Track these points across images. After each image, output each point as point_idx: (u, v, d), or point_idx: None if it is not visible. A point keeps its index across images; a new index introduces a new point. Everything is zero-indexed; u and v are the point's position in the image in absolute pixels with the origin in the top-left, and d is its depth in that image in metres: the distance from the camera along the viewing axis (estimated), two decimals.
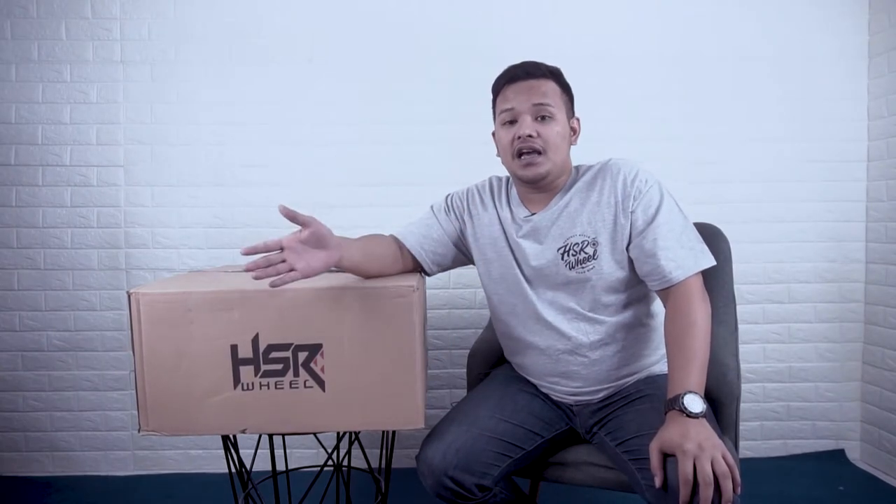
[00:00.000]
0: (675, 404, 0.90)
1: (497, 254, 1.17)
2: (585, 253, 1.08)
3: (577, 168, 1.17)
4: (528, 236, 1.13)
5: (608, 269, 1.08)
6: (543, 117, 1.08)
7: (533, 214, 1.14)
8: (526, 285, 1.14)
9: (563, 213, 1.11)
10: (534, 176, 1.09)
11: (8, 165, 1.83)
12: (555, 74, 1.12)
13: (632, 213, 1.06)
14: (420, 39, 1.86)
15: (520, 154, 1.09)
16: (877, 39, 1.87)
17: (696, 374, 0.94)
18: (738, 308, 1.31)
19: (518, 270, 1.14)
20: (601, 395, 1.13)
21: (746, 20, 1.88)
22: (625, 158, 1.11)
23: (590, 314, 1.10)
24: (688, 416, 0.88)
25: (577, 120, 1.16)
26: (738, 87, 1.89)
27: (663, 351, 1.07)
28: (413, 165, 1.86)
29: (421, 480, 1.06)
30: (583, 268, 1.08)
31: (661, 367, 1.15)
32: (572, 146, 1.16)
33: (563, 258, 1.09)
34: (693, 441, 0.84)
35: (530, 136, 1.06)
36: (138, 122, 1.84)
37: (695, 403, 0.90)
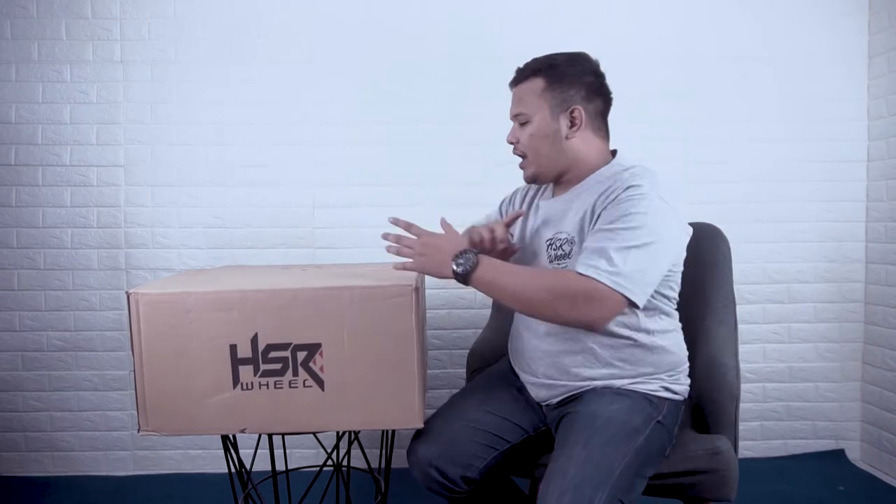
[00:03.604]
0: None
1: (520, 241, 1.18)
2: (563, 250, 1.07)
3: (612, 164, 1.09)
4: (538, 223, 1.14)
5: None
6: (522, 124, 1.11)
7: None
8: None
9: (567, 207, 1.09)
10: (526, 178, 1.14)
11: (8, 165, 1.83)
12: (540, 70, 1.08)
13: (603, 210, 0.99)
14: (420, 39, 1.85)
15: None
16: (877, 39, 1.87)
17: (509, 269, 0.99)
18: (738, 308, 1.31)
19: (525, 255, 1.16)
20: (556, 398, 1.09)
21: (747, 20, 1.88)
22: (647, 173, 1.03)
23: None
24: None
25: (579, 109, 1.07)
26: (738, 87, 1.89)
27: (627, 366, 1.04)
28: (413, 165, 1.86)
29: (413, 474, 1.07)
30: (559, 264, 1.07)
31: (619, 382, 1.06)
32: (572, 138, 1.08)
33: (547, 250, 1.09)
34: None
35: (511, 143, 1.13)
36: (138, 122, 1.84)
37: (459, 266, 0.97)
